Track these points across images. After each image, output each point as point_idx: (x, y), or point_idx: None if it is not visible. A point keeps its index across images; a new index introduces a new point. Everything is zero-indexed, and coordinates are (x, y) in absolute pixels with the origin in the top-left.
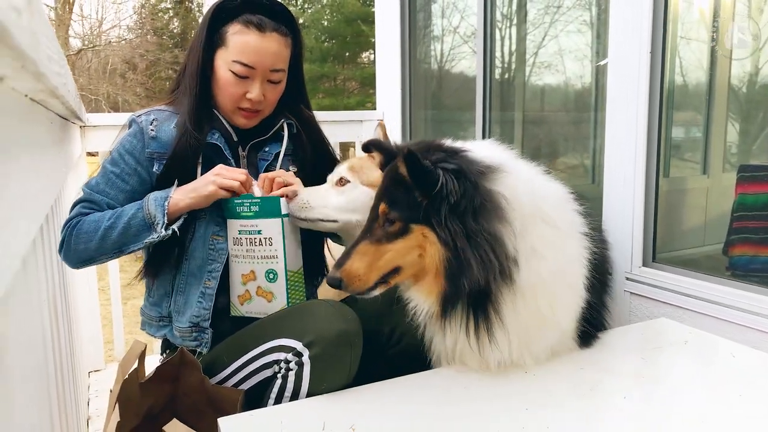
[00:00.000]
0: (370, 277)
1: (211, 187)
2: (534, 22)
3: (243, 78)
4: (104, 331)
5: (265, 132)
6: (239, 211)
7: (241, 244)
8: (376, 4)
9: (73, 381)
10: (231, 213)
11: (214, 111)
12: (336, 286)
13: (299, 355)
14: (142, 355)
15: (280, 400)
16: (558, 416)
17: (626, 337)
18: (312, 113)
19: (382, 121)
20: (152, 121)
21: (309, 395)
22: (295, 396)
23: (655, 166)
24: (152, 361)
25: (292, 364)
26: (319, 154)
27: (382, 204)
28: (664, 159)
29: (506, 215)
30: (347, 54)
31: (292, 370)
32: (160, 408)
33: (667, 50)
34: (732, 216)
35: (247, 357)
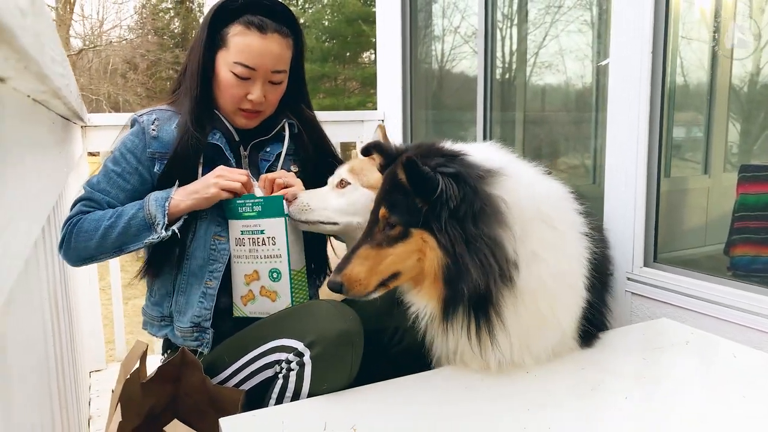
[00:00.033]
0: (370, 282)
1: (213, 189)
2: (535, 22)
3: (244, 79)
4: (105, 330)
5: (266, 132)
6: (241, 212)
7: (244, 244)
8: (377, 4)
9: (74, 381)
10: (233, 214)
11: (215, 111)
12: (337, 290)
13: (300, 355)
14: (143, 355)
15: (281, 400)
16: (559, 416)
17: (627, 337)
18: (313, 113)
19: (381, 123)
20: (154, 121)
21: (310, 395)
22: (297, 396)
23: (657, 166)
24: (153, 361)
25: (294, 364)
26: (321, 154)
27: (382, 208)
28: (665, 159)
29: (506, 219)
30: (348, 54)
31: (293, 370)
32: (162, 408)
33: (668, 50)
34: (733, 216)
35: (249, 357)
